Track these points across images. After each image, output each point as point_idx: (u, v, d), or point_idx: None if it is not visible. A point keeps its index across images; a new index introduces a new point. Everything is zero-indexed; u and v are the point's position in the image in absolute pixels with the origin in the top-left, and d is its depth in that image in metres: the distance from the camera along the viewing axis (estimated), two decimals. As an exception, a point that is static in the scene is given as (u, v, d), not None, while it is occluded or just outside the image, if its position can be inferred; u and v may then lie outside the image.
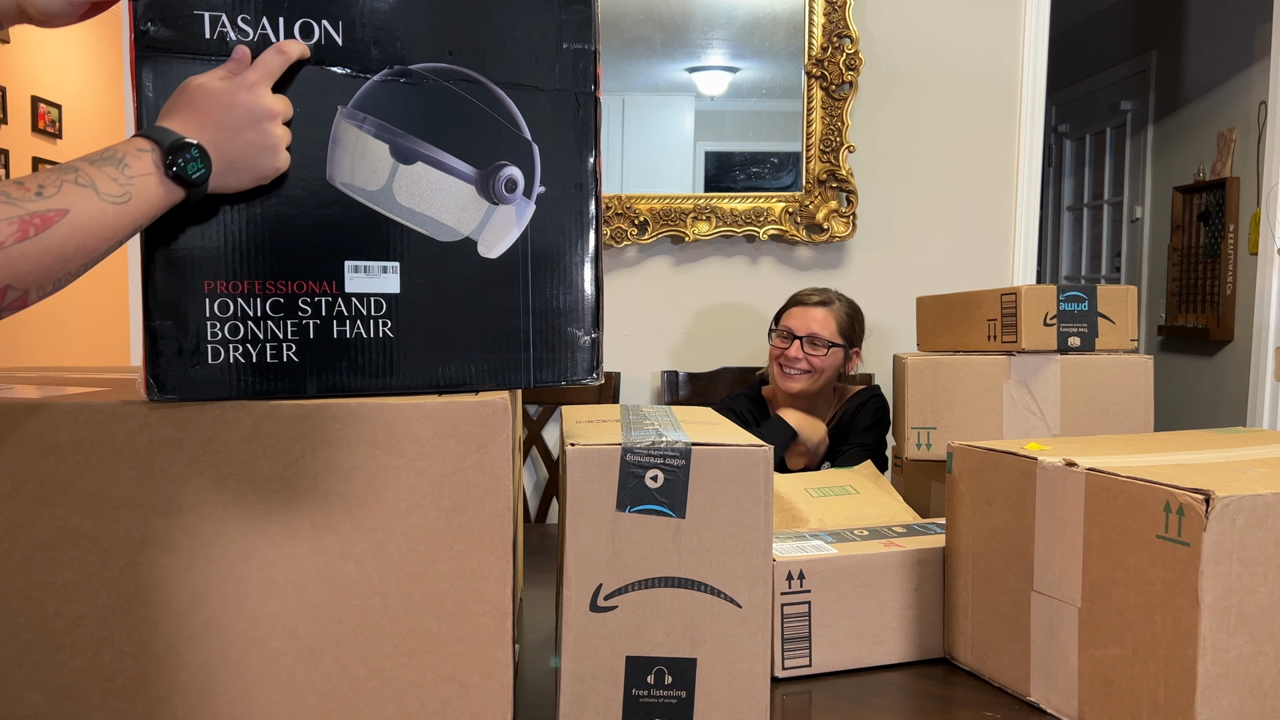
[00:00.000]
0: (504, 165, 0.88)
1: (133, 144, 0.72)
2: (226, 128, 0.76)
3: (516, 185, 0.89)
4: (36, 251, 0.63)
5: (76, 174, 0.67)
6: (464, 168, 0.87)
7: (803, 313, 2.01)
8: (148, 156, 0.72)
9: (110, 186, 0.68)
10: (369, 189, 0.85)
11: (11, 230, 0.61)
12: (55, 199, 0.64)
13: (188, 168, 0.74)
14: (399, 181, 0.86)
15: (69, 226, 0.65)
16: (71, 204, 0.65)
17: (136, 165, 0.71)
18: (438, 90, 0.86)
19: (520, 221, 0.89)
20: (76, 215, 0.65)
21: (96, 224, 0.67)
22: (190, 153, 0.74)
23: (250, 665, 0.85)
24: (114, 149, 0.71)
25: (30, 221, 0.62)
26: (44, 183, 0.65)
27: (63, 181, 0.66)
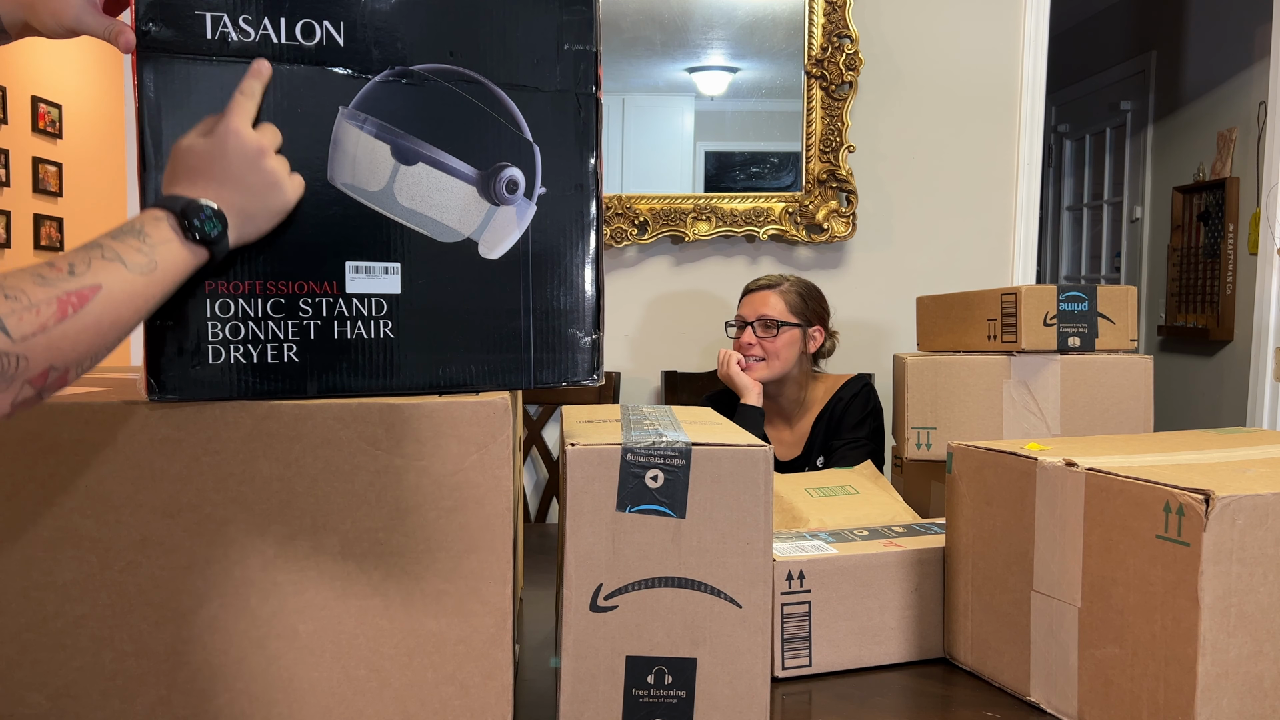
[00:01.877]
0: (505, 166, 0.88)
1: (148, 214, 0.73)
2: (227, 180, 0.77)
3: (517, 186, 0.88)
4: (76, 330, 0.63)
5: (102, 249, 0.68)
6: (465, 169, 0.87)
7: (750, 299, 2.01)
8: (164, 223, 0.73)
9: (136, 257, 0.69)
10: (370, 189, 0.85)
11: (51, 311, 0.62)
12: (87, 276, 0.65)
13: (205, 227, 0.74)
14: (400, 182, 0.86)
15: (104, 302, 0.65)
16: (103, 279, 0.66)
17: (156, 233, 0.72)
18: (439, 91, 0.86)
19: (521, 222, 0.89)
20: (110, 290, 0.66)
21: (128, 296, 0.68)
22: (204, 212, 0.74)
23: (250, 665, 0.85)
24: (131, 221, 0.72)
25: (68, 301, 0.63)
26: (74, 261, 0.65)
27: (91, 258, 0.66)
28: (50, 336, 0.61)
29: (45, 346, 0.61)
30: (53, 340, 0.61)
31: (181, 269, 0.73)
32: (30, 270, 0.63)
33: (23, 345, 0.59)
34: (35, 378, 0.61)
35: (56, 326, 0.62)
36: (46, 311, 0.61)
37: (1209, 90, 3.56)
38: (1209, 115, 3.55)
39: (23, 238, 4.09)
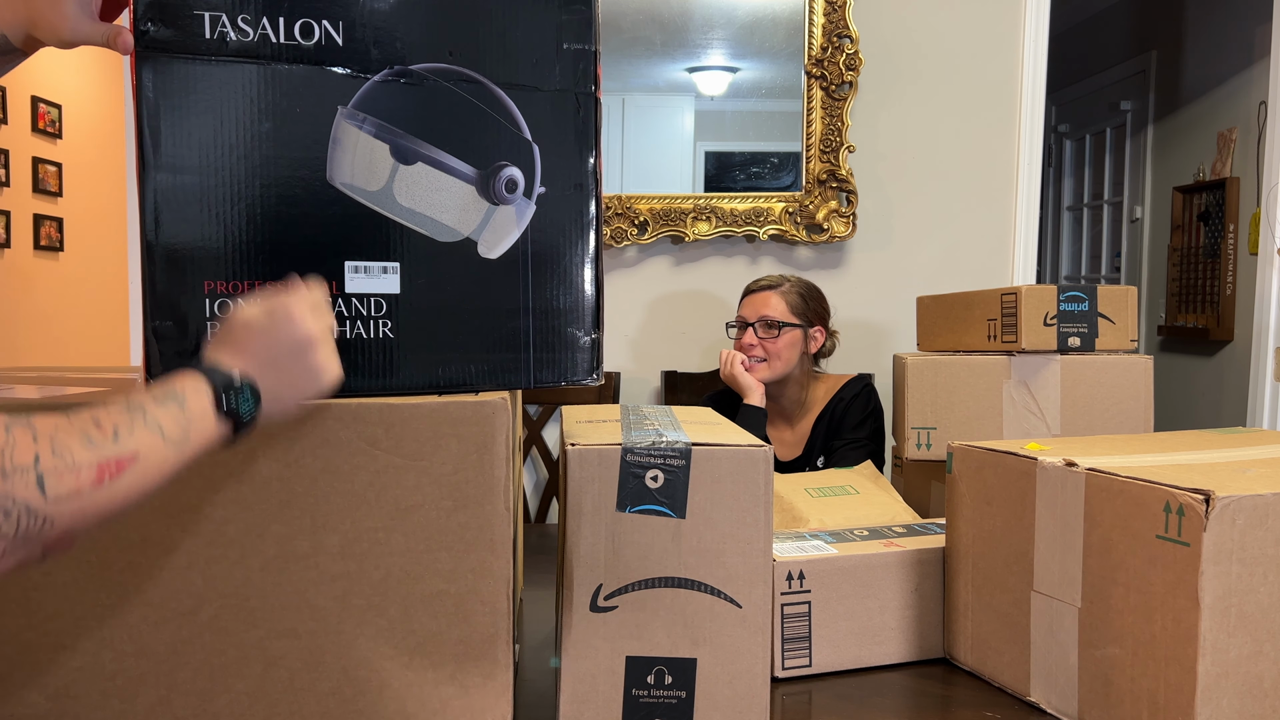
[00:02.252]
0: (504, 166, 0.88)
1: (190, 382, 0.70)
2: (272, 363, 0.75)
3: (517, 186, 0.88)
4: (105, 499, 0.61)
5: (145, 414, 0.65)
6: (464, 168, 0.87)
7: (751, 299, 2.01)
8: (204, 396, 0.70)
9: (173, 429, 0.67)
10: (369, 189, 0.85)
11: (90, 477, 0.59)
12: (128, 442, 0.63)
13: (240, 407, 0.72)
14: (399, 182, 0.86)
15: (138, 472, 0.63)
16: (141, 448, 0.63)
17: (195, 404, 0.69)
18: (438, 90, 0.86)
19: (520, 222, 0.89)
20: (145, 460, 0.64)
21: (158, 468, 0.65)
22: (244, 393, 0.73)
23: (251, 665, 0.85)
24: (175, 385, 0.69)
25: (107, 468, 0.60)
26: (119, 424, 0.63)
27: (134, 423, 0.64)
28: (81, 502, 0.59)
29: (73, 512, 0.58)
30: (83, 506, 0.59)
31: (208, 443, 0.70)
32: (79, 426, 0.61)
33: (54, 507, 0.57)
34: (51, 542, 0.58)
35: (90, 493, 0.59)
36: (85, 476, 0.59)
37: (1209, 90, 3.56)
38: (1209, 115, 3.55)
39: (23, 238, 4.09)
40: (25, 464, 0.55)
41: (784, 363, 1.97)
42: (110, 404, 0.65)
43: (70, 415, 0.62)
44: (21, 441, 0.56)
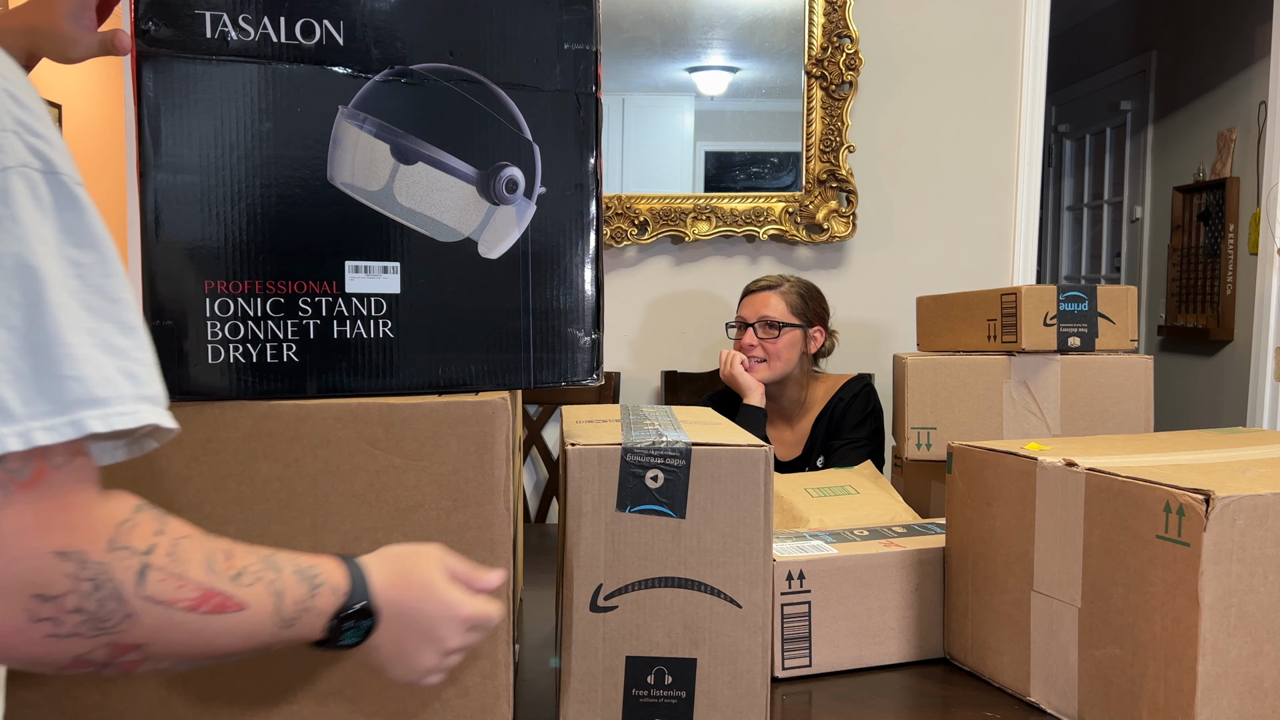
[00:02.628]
0: (505, 166, 0.88)
1: (335, 575, 0.64)
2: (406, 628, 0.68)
3: (517, 186, 0.88)
4: (195, 628, 0.54)
5: (277, 576, 0.60)
6: (465, 168, 0.87)
7: (751, 300, 2.01)
8: (334, 599, 0.64)
9: (290, 608, 0.61)
10: (369, 189, 0.85)
11: (191, 596, 0.54)
12: (245, 592, 0.57)
13: (345, 636, 0.65)
14: (399, 181, 0.86)
15: (234, 623, 0.57)
16: (253, 603, 0.58)
17: (321, 602, 0.63)
18: (438, 90, 0.86)
19: (521, 222, 0.89)
20: (248, 616, 0.58)
21: (252, 634, 0.59)
22: (361, 627, 0.66)
23: (251, 666, 0.85)
24: (318, 568, 0.64)
25: (211, 597, 0.55)
26: (246, 569, 0.58)
27: (261, 578, 0.59)
28: (170, 615, 0.53)
29: (158, 621, 0.52)
30: (170, 621, 0.53)
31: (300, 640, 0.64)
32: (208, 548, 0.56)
33: (142, 605, 0.51)
34: (121, 645, 0.52)
35: (181, 613, 0.53)
36: (187, 593, 0.53)
37: (1209, 90, 3.56)
38: (1209, 115, 3.55)
39: (23, 237, 4.08)
40: (137, 548, 0.51)
41: (784, 363, 1.96)
42: (252, 548, 0.60)
43: (208, 535, 0.58)
44: (145, 525, 0.53)
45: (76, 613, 0.49)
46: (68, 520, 0.49)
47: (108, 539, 0.50)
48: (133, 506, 0.53)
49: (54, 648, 0.49)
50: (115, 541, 0.50)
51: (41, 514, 0.48)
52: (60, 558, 0.48)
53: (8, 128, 0.50)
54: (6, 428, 0.46)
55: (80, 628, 0.49)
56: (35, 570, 0.47)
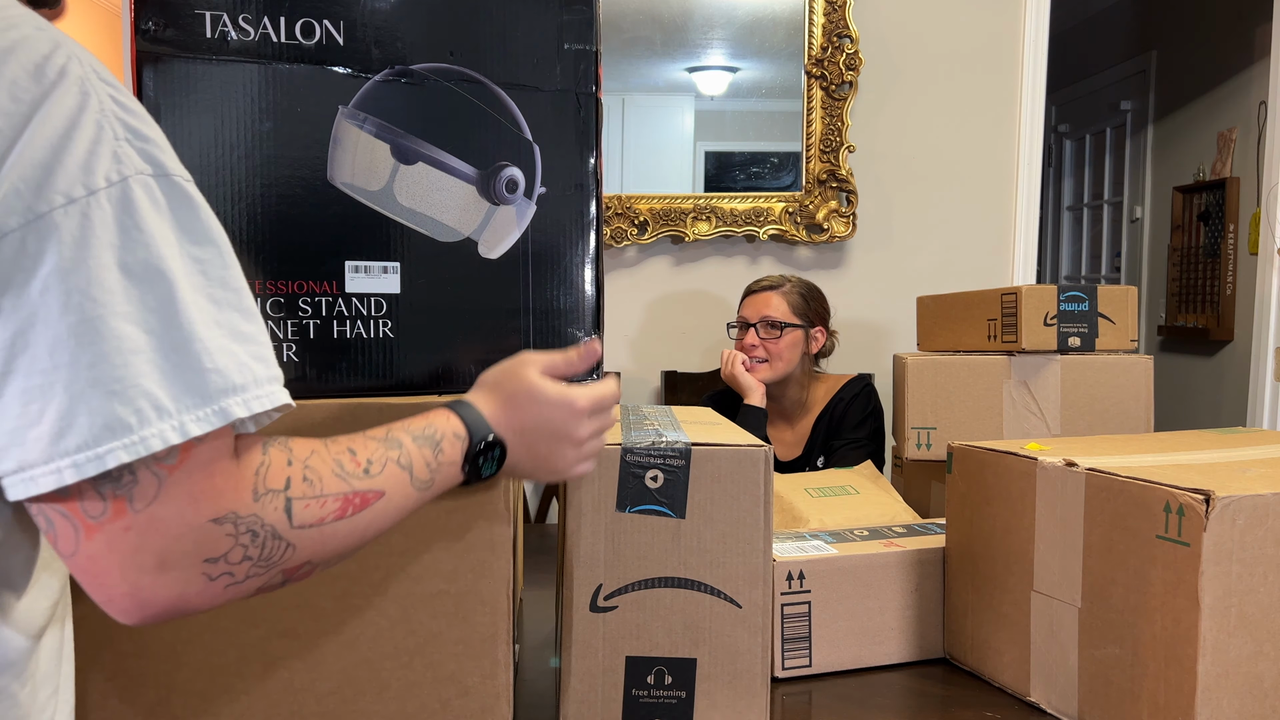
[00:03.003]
0: (505, 166, 0.88)
1: (450, 425, 0.70)
2: (529, 436, 0.75)
3: (517, 186, 0.88)
4: (346, 531, 0.60)
5: (400, 451, 0.65)
6: (465, 168, 0.87)
7: (753, 300, 2.00)
8: (460, 446, 0.70)
9: (422, 471, 0.67)
10: (370, 189, 0.85)
11: (334, 508, 0.59)
12: (378, 479, 0.63)
13: (484, 469, 0.72)
14: (400, 181, 0.86)
15: (379, 510, 0.63)
16: (389, 487, 0.63)
17: (449, 452, 0.69)
18: (439, 90, 0.86)
19: (521, 222, 0.89)
20: (389, 499, 0.63)
21: (398, 509, 0.65)
22: (493, 453, 0.73)
23: (250, 666, 0.85)
24: (434, 426, 0.69)
25: (352, 501, 0.60)
26: (372, 459, 0.63)
27: (387, 460, 0.64)
28: (323, 532, 0.58)
29: (314, 540, 0.58)
30: (324, 536, 0.58)
31: (443, 491, 0.70)
32: (334, 453, 0.61)
33: (296, 534, 0.56)
34: (291, 569, 0.58)
35: (331, 524, 0.59)
36: (331, 506, 0.59)
37: (1209, 90, 3.56)
38: (1209, 115, 3.55)
39: (23, 237, 4.08)
40: (276, 488, 0.55)
41: (785, 363, 1.96)
42: (370, 434, 0.65)
43: (327, 442, 0.61)
44: (276, 463, 0.56)
45: (245, 561, 0.54)
46: (215, 488, 0.52)
47: (250, 490, 0.54)
48: (261, 446, 0.57)
49: (236, 592, 0.54)
50: (257, 490, 0.55)
51: (192, 490, 0.52)
52: (216, 523, 0.52)
53: (120, 136, 0.52)
54: (164, 423, 0.50)
55: (253, 571, 0.54)
56: (198, 541, 0.52)
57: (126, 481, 0.50)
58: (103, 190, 0.50)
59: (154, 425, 0.49)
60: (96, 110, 0.52)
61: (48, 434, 0.48)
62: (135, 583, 0.51)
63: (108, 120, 0.52)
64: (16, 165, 0.49)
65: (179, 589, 0.52)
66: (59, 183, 0.50)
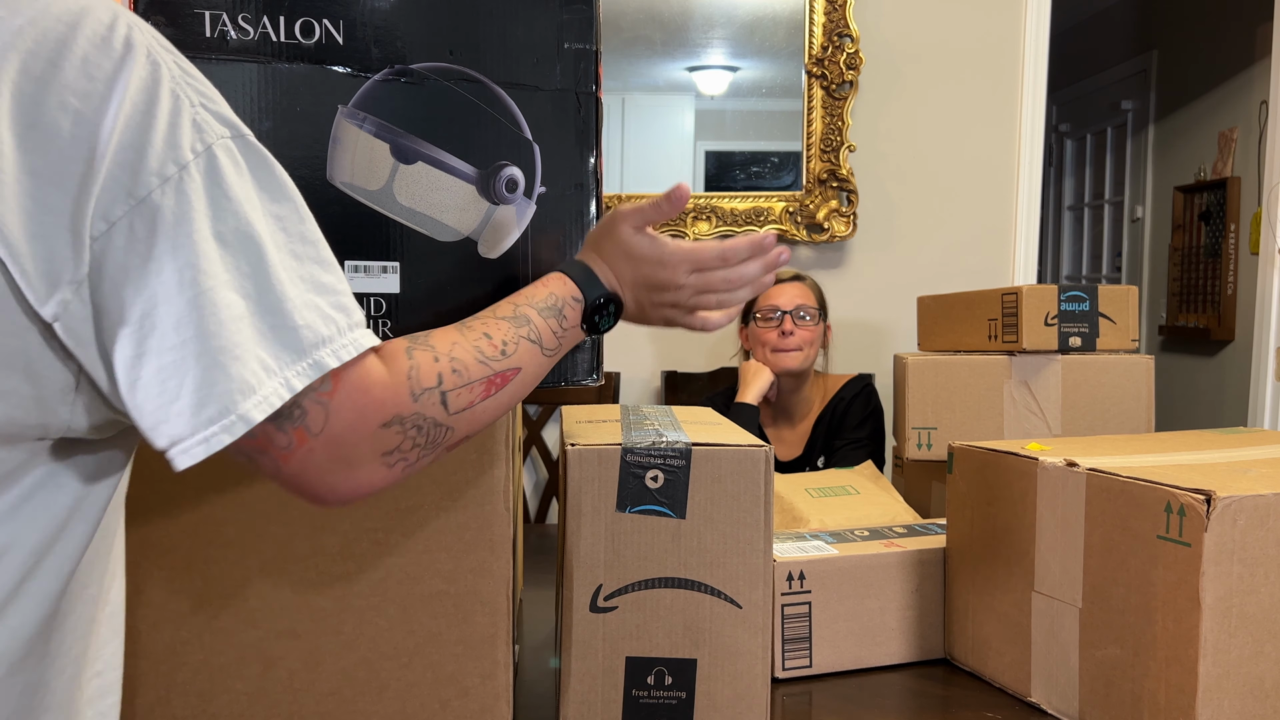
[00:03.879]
0: (505, 165, 0.88)
1: (568, 290, 0.78)
2: (638, 292, 0.83)
3: (517, 185, 0.88)
4: (493, 407, 0.68)
5: (529, 327, 0.73)
6: (464, 168, 0.87)
7: (784, 289, 2.01)
8: (579, 309, 0.78)
9: (550, 340, 0.75)
10: (369, 189, 0.85)
11: (481, 390, 0.66)
12: (515, 358, 0.70)
13: (603, 325, 0.81)
14: (399, 181, 0.86)
15: (518, 383, 0.71)
16: (524, 362, 0.71)
17: (571, 317, 0.77)
18: (438, 90, 0.86)
19: (521, 222, 0.89)
20: (525, 373, 0.71)
21: (534, 377, 0.73)
22: (609, 309, 0.80)
23: (250, 666, 0.85)
24: (554, 295, 0.77)
25: (494, 381, 0.68)
26: (507, 340, 0.70)
27: (520, 338, 0.72)
28: (474, 411, 0.66)
29: (468, 420, 0.66)
30: (475, 414, 0.66)
31: (569, 348, 0.78)
32: (471, 341, 0.68)
33: (454, 419, 0.64)
34: (453, 444, 0.65)
35: (480, 403, 0.66)
36: (478, 390, 0.66)
37: (1210, 90, 3.56)
38: (1210, 115, 3.55)
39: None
40: (431, 385, 0.62)
41: (814, 351, 1.99)
42: (499, 314, 0.73)
43: (463, 330, 0.69)
44: (424, 364, 0.62)
45: (415, 449, 0.61)
46: (376, 401, 0.59)
47: (409, 394, 0.61)
48: (404, 351, 0.62)
49: (413, 470, 0.62)
50: (414, 392, 0.61)
51: (357, 406, 0.58)
52: (385, 427, 0.59)
53: (195, 103, 0.53)
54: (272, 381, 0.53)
55: (423, 454, 0.63)
56: (374, 444, 0.59)
57: (298, 415, 0.55)
58: (191, 162, 0.52)
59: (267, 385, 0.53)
60: (169, 80, 0.53)
61: (189, 407, 0.52)
62: (332, 483, 0.58)
63: (181, 89, 0.53)
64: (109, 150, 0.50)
65: (366, 478, 0.59)
66: (151, 162, 0.51)
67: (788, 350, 1.96)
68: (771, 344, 1.97)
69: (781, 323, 1.98)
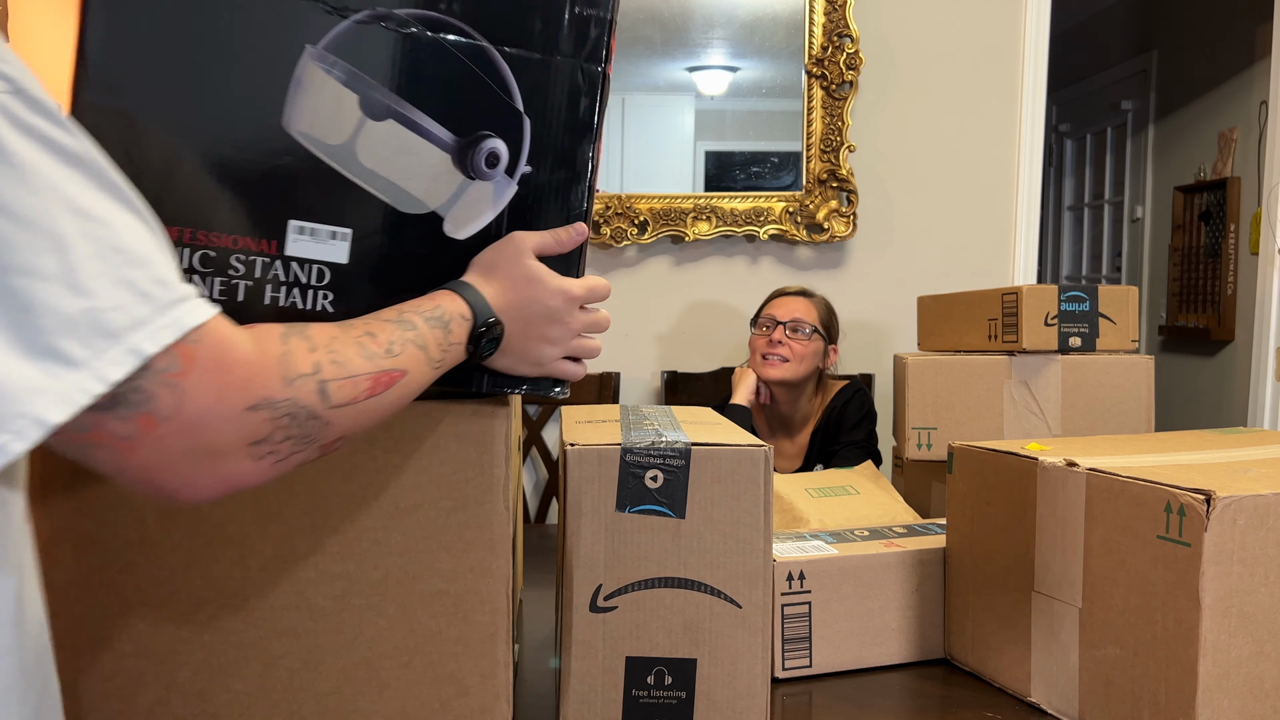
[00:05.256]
0: (487, 136, 0.78)
1: (457, 308, 0.74)
2: (527, 323, 0.78)
3: (499, 160, 0.78)
4: (375, 407, 0.64)
5: (415, 334, 0.69)
6: (441, 133, 0.77)
7: (785, 301, 2.04)
8: (465, 326, 0.74)
9: (436, 351, 0.71)
10: (329, 142, 0.75)
11: (365, 387, 0.63)
12: (400, 359, 0.67)
13: (484, 350, 0.76)
14: (364, 138, 0.75)
15: (402, 387, 0.67)
16: (409, 366, 0.68)
17: (457, 333, 0.73)
18: (423, 42, 0.75)
19: (497, 202, 0.79)
20: (410, 378, 0.68)
21: (417, 385, 0.69)
22: (493, 335, 0.76)
23: (250, 665, 0.85)
24: (442, 308, 0.73)
25: (379, 380, 0.64)
26: (393, 340, 0.67)
27: (406, 341, 0.68)
28: (355, 409, 0.62)
29: (348, 418, 0.62)
30: (356, 413, 0.63)
31: (451, 365, 0.74)
32: (353, 337, 0.64)
33: (334, 413, 0.60)
34: (328, 444, 0.62)
35: (363, 402, 0.63)
36: (361, 386, 0.63)
37: (1210, 90, 3.56)
38: (1210, 115, 3.55)
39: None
40: (306, 372, 0.58)
41: (805, 367, 2.00)
42: (383, 317, 0.69)
43: (344, 327, 0.65)
44: (298, 350, 0.59)
45: (287, 441, 0.57)
46: (236, 380, 0.54)
47: (280, 377, 0.57)
48: (279, 336, 0.59)
49: (283, 467, 0.58)
50: (286, 376, 0.57)
51: (213, 386, 0.53)
52: (252, 410, 0.55)
53: None
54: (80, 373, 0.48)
55: (295, 448, 0.58)
56: (239, 429, 0.54)
57: (138, 401, 0.50)
58: None
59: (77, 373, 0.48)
60: None
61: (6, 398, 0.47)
62: (190, 476, 0.54)
63: None
64: None
65: (231, 470, 0.55)
66: None
67: (773, 359, 1.98)
68: (760, 351, 2.01)
69: (773, 332, 2.00)
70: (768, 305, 2.07)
